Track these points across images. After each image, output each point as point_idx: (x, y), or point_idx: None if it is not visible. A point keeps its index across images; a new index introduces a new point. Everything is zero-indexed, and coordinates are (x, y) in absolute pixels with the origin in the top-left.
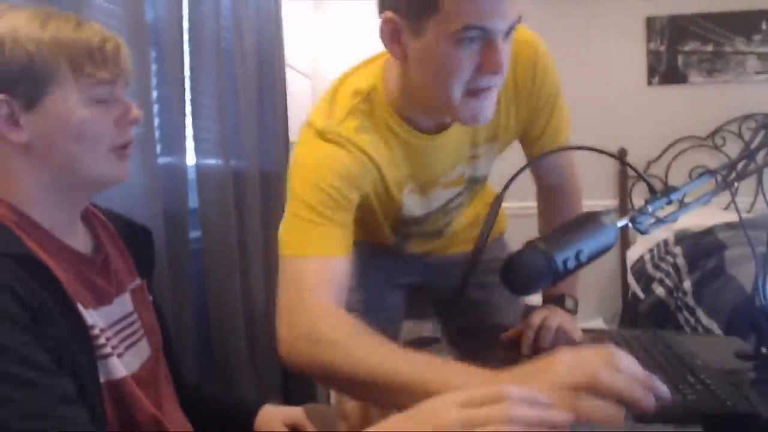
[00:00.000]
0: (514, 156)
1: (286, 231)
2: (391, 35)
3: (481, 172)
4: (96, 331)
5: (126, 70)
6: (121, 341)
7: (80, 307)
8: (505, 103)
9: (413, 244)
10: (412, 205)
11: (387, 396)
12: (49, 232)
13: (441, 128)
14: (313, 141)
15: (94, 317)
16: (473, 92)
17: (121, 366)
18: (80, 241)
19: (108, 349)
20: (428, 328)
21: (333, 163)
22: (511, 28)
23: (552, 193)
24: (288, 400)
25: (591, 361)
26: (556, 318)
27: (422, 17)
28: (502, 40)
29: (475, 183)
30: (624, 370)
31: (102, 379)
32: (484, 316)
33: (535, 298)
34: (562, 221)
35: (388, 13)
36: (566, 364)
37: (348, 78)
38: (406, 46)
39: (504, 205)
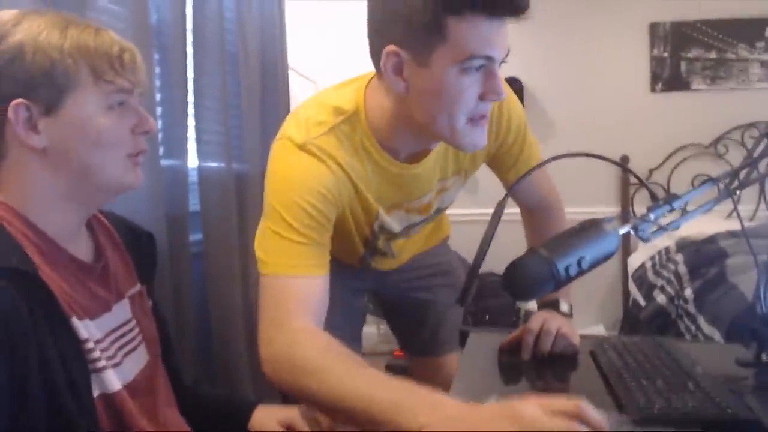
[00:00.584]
0: None
1: (265, 248)
2: (394, 68)
3: (446, 203)
4: (90, 345)
5: (142, 80)
6: (118, 349)
7: (75, 321)
8: None
9: (375, 261)
10: (382, 223)
11: (361, 422)
12: (52, 240)
13: (416, 159)
14: (293, 152)
15: (90, 329)
16: (474, 119)
17: (115, 378)
18: (82, 247)
19: (103, 362)
20: None
21: (312, 180)
22: (504, 58)
23: (534, 210)
24: (287, 400)
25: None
26: (556, 323)
27: (429, 48)
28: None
29: (438, 212)
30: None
31: (96, 393)
32: (429, 315)
33: (536, 303)
34: (548, 235)
35: (391, 47)
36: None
37: (325, 97)
38: (409, 78)
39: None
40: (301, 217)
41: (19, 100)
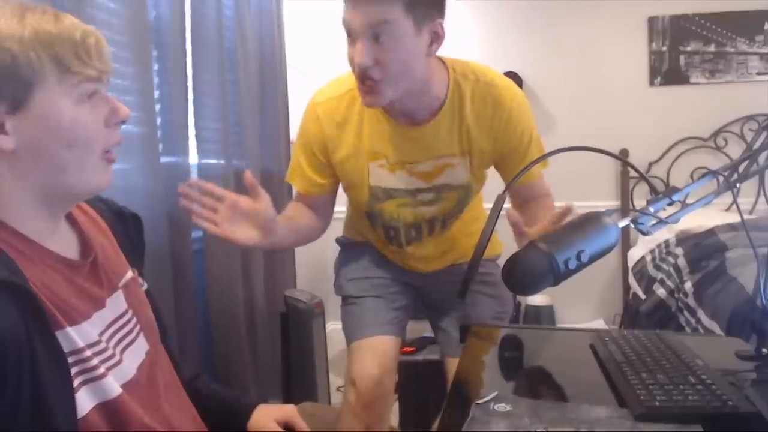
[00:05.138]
0: None
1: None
2: None
3: (456, 181)
4: (87, 353)
5: (109, 66)
6: (117, 343)
7: (69, 330)
8: (476, 128)
9: (401, 255)
10: (379, 175)
11: None
12: (34, 242)
13: (416, 125)
14: (308, 106)
15: (85, 333)
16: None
17: (114, 382)
18: (66, 244)
19: (101, 369)
20: (429, 328)
21: (307, 122)
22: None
23: (528, 205)
24: (288, 399)
25: None
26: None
27: None
28: None
29: (448, 189)
30: None
31: (94, 403)
32: (465, 317)
33: (537, 298)
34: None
35: None
36: None
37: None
38: None
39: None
40: (302, 145)
41: None
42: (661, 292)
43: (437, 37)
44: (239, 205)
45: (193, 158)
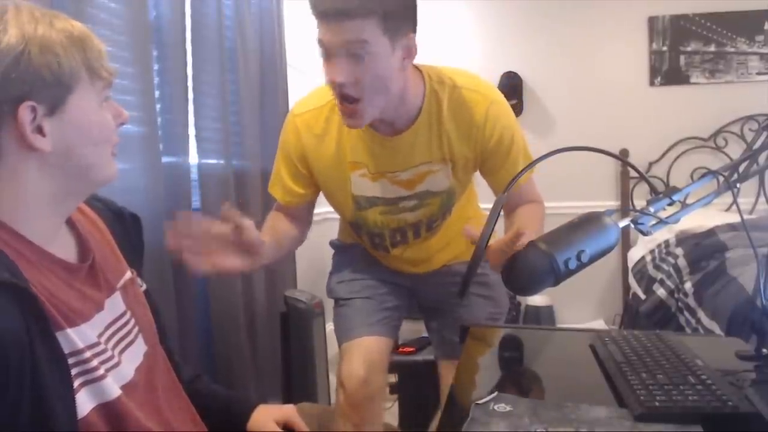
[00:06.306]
0: None
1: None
2: None
3: (438, 187)
4: (87, 354)
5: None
6: (115, 345)
7: (70, 332)
8: (455, 134)
9: (389, 259)
10: (361, 185)
11: None
12: (36, 246)
13: (395, 134)
14: (288, 118)
15: (85, 334)
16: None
17: (113, 385)
18: (65, 247)
19: (101, 371)
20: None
21: (288, 135)
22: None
23: (515, 213)
24: (288, 399)
25: None
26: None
27: None
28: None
29: (430, 196)
30: None
31: (94, 404)
32: (459, 319)
33: (537, 298)
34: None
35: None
36: None
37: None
38: None
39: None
40: (282, 156)
41: (29, 102)
42: (661, 292)
43: (410, 52)
44: (225, 236)
45: (193, 158)
